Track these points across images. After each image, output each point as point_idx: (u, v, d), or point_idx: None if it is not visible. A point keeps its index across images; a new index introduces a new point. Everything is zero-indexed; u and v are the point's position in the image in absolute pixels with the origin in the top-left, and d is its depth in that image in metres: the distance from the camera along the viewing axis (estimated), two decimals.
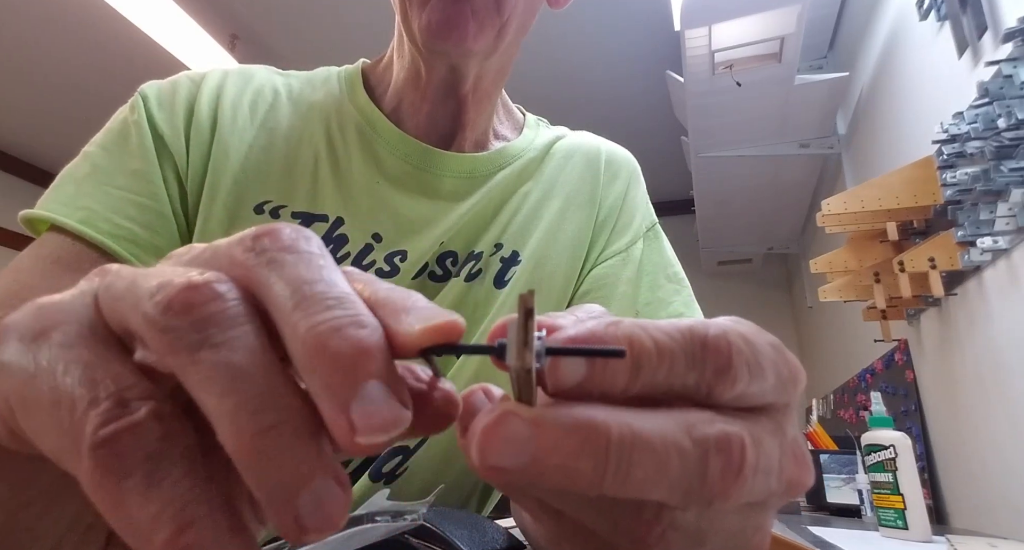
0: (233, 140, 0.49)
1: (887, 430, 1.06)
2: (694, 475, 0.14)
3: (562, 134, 0.62)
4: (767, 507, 0.17)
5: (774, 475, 0.16)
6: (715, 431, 0.14)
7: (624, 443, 0.13)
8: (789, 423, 0.17)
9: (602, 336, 0.15)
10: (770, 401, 0.17)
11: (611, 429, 0.13)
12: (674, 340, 0.15)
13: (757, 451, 0.15)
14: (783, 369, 0.16)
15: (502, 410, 0.14)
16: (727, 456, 0.14)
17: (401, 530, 0.31)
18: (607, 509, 0.16)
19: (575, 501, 0.16)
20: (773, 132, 2.21)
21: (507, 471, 0.13)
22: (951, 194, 1.21)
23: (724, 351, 0.15)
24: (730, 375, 0.15)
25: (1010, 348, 1.16)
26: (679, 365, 0.15)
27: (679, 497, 0.14)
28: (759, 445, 0.15)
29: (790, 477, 0.16)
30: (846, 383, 2.26)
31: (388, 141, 0.52)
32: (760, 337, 0.16)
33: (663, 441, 0.14)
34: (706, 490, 0.14)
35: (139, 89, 0.49)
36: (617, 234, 0.58)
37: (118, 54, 2.67)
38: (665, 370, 0.15)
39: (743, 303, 3.56)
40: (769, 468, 0.15)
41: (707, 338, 0.15)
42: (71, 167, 0.46)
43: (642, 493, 0.14)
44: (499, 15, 0.46)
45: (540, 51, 2.54)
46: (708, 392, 0.15)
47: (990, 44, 1.18)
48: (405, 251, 0.49)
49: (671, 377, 0.15)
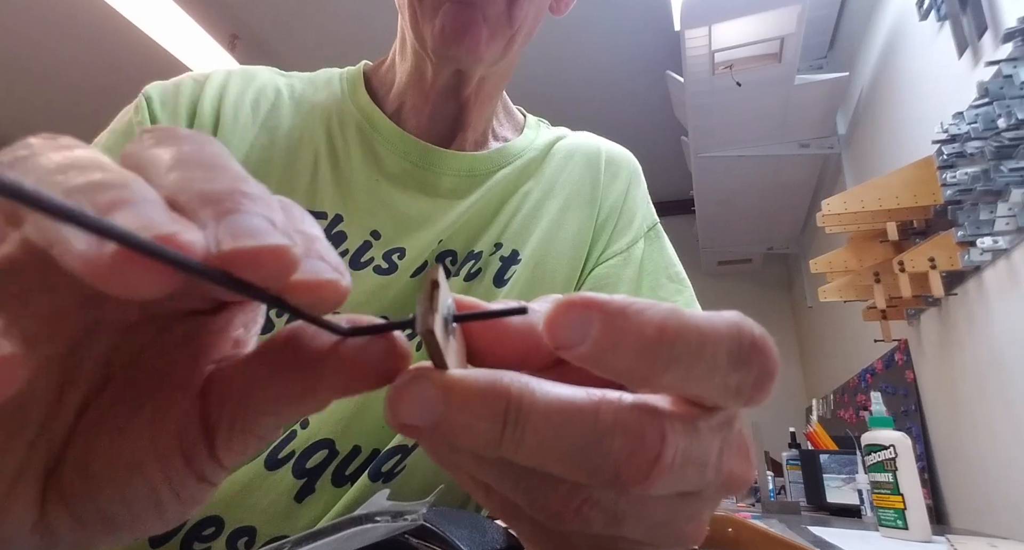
0: (235, 139, 0.49)
1: (887, 430, 1.06)
2: (596, 454, 0.14)
3: (562, 134, 0.62)
4: (703, 498, 0.17)
5: (711, 467, 0.15)
6: (626, 411, 0.14)
7: (522, 406, 0.14)
8: (736, 416, 0.17)
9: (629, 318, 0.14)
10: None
11: (511, 391, 0.14)
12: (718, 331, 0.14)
13: (687, 440, 0.14)
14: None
15: (413, 371, 0.14)
16: (637, 441, 0.14)
17: (401, 530, 0.31)
18: (522, 480, 0.16)
19: (491, 469, 0.16)
20: (773, 132, 2.21)
21: (417, 429, 0.14)
22: (951, 194, 1.21)
23: (772, 356, 0.14)
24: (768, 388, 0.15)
25: (1010, 348, 1.16)
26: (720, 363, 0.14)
27: (584, 474, 0.14)
28: (692, 433, 0.15)
29: (731, 471, 0.16)
30: (846, 383, 2.26)
31: (388, 139, 0.52)
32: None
33: (561, 411, 0.14)
34: (617, 474, 0.14)
35: (143, 90, 0.50)
36: (618, 234, 0.58)
37: (118, 54, 2.67)
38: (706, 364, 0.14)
39: (743, 303, 3.54)
40: (704, 460, 0.15)
41: (754, 341, 0.14)
42: None
43: (539, 462, 0.14)
44: (510, 25, 0.47)
45: (540, 51, 2.54)
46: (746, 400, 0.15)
47: (990, 44, 1.19)
48: (403, 248, 0.49)
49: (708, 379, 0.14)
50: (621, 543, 0.17)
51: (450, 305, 0.16)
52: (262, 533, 0.43)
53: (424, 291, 0.14)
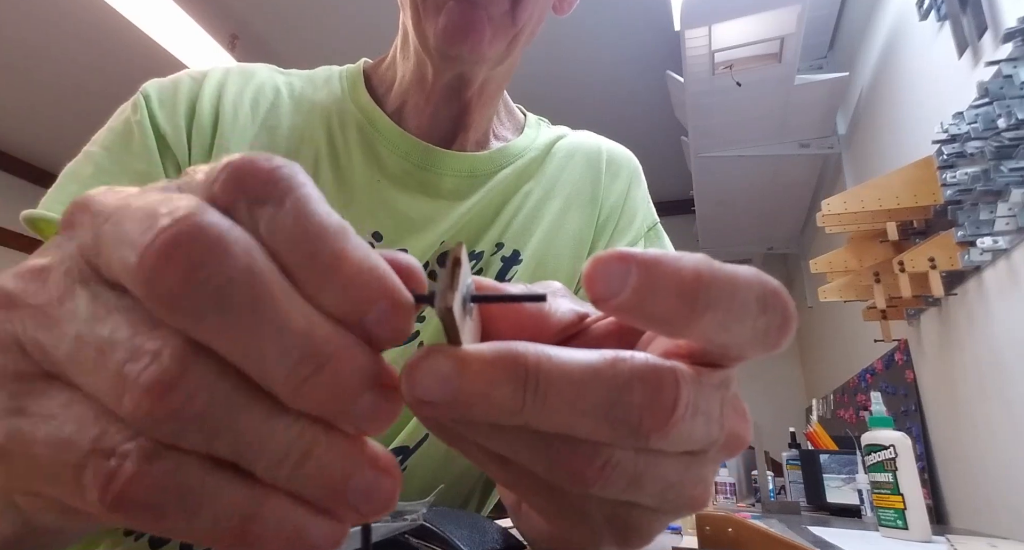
0: (234, 138, 0.49)
1: (887, 430, 1.05)
2: (618, 406, 0.14)
3: (563, 134, 0.62)
4: (707, 458, 0.17)
5: (715, 422, 0.16)
6: (640, 363, 0.14)
7: (541, 369, 0.14)
8: (733, 378, 0.18)
9: (666, 265, 0.14)
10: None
11: (528, 357, 0.14)
12: (748, 277, 0.15)
13: (695, 391, 0.15)
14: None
15: (428, 347, 0.14)
16: (656, 389, 0.14)
17: (401, 530, 0.31)
18: (541, 447, 0.16)
19: (509, 440, 0.16)
20: (773, 132, 2.21)
21: (435, 405, 0.14)
22: (951, 194, 1.21)
23: (790, 302, 0.15)
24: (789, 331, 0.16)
25: (1010, 348, 1.16)
26: (751, 307, 0.15)
27: (607, 430, 0.14)
28: (699, 387, 0.15)
29: (732, 429, 0.17)
30: (846, 383, 2.26)
31: (389, 140, 0.52)
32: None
33: (581, 370, 0.14)
34: (640, 423, 0.14)
35: (141, 88, 0.49)
36: (619, 234, 0.58)
37: (118, 54, 2.67)
38: (740, 306, 0.15)
39: None
40: (710, 413, 0.16)
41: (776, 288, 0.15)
42: (73, 166, 0.46)
43: (563, 423, 0.14)
44: (514, 24, 0.47)
45: (541, 51, 2.54)
46: (772, 344, 0.16)
47: (990, 44, 1.18)
48: (405, 250, 0.49)
49: (742, 322, 0.15)
50: (635, 511, 0.18)
51: (469, 284, 0.16)
52: None
53: (447, 269, 0.15)
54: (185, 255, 0.12)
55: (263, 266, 0.13)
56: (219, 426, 0.13)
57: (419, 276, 0.16)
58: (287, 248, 0.14)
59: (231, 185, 0.14)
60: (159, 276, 0.12)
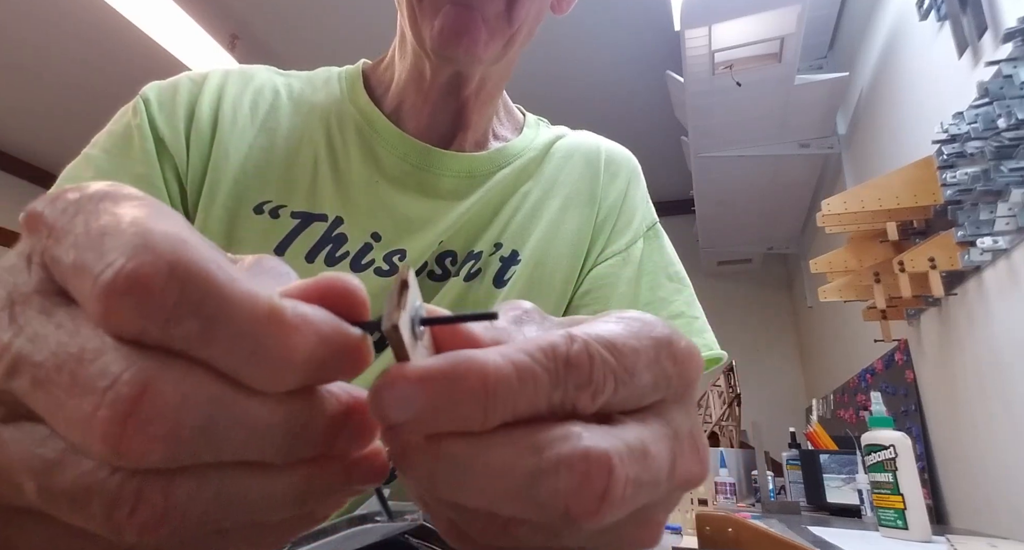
0: (233, 140, 0.49)
1: (887, 430, 1.06)
2: (546, 494, 0.14)
3: (562, 133, 0.62)
4: (655, 505, 0.17)
5: (663, 481, 0.15)
6: (570, 449, 0.14)
7: (459, 455, 0.14)
8: (684, 414, 0.17)
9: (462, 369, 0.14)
10: (656, 398, 0.17)
11: (442, 443, 0.14)
12: (536, 360, 0.14)
13: (639, 465, 0.14)
14: (666, 364, 0.16)
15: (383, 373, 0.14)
16: (586, 478, 0.13)
17: (401, 530, 0.31)
18: (455, 511, 0.16)
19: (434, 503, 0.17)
20: (773, 132, 2.21)
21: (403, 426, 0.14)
22: (951, 194, 1.21)
23: (585, 366, 0.15)
24: (590, 390, 0.15)
25: (1010, 348, 1.16)
26: (543, 385, 0.14)
27: (534, 513, 0.14)
28: (642, 458, 0.15)
29: (685, 474, 0.16)
30: (846, 383, 2.26)
31: (387, 140, 0.52)
32: (634, 339, 0.16)
33: (503, 460, 0.14)
34: (567, 512, 0.14)
35: (141, 91, 0.49)
36: (617, 233, 0.58)
37: (118, 54, 2.67)
38: (530, 392, 0.14)
39: (743, 303, 3.56)
40: (656, 478, 0.15)
41: (569, 354, 0.15)
42: (73, 169, 0.46)
43: (486, 506, 0.14)
44: (510, 25, 0.47)
45: (540, 51, 2.54)
46: (573, 407, 0.15)
47: (990, 44, 1.18)
48: (404, 250, 0.49)
49: (536, 399, 0.14)
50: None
51: (419, 307, 0.16)
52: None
53: (393, 290, 0.14)
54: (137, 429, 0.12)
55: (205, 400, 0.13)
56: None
57: (357, 298, 0.16)
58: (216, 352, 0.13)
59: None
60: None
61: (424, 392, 0.14)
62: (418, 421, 0.14)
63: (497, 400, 0.14)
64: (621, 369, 0.15)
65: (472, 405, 0.14)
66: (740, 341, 3.36)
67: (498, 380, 0.14)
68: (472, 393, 0.14)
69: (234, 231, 0.47)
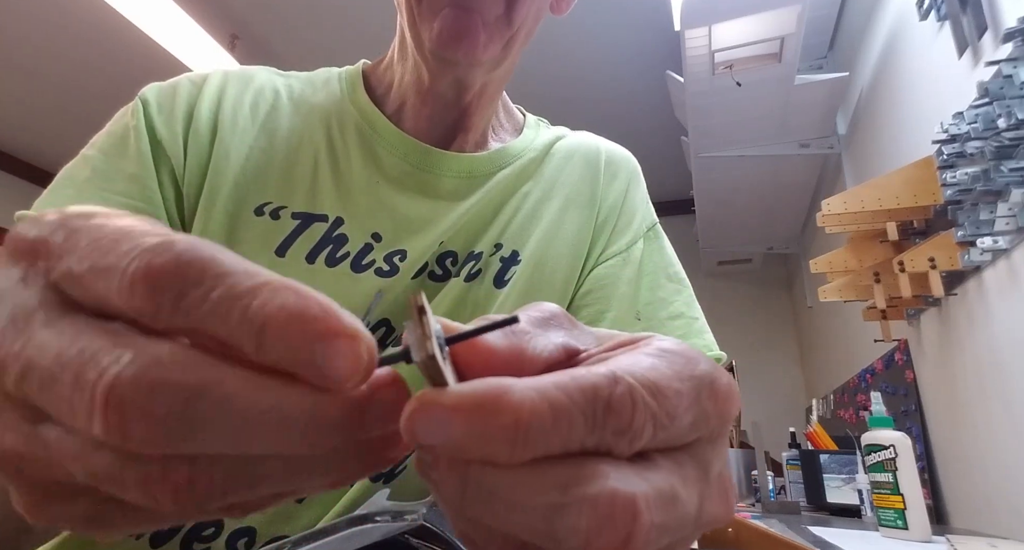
0: (234, 143, 0.49)
1: (887, 430, 1.06)
2: (568, 532, 0.13)
3: (562, 134, 0.62)
4: (676, 544, 0.16)
5: (690, 524, 0.15)
6: (597, 489, 0.13)
7: (483, 485, 0.14)
8: (717, 454, 0.17)
9: (494, 402, 0.14)
10: (693, 438, 0.16)
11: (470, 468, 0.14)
12: (574, 402, 0.14)
13: (666, 512, 0.14)
14: (707, 404, 0.16)
15: (419, 396, 0.14)
16: (610, 521, 0.13)
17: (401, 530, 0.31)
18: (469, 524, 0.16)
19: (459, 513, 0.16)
20: (773, 132, 2.21)
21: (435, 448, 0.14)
22: (951, 194, 1.21)
23: (627, 412, 0.14)
24: (628, 436, 0.15)
25: (1010, 348, 1.16)
26: (579, 427, 0.14)
27: (550, 544, 0.14)
28: (671, 504, 0.14)
29: (712, 516, 0.16)
30: (846, 383, 2.26)
31: (388, 141, 0.52)
32: (676, 380, 0.16)
33: (529, 492, 0.14)
34: (587, 548, 0.13)
35: (140, 93, 0.49)
36: (617, 234, 0.58)
37: (118, 54, 2.67)
38: (563, 433, 0.14)
39: (743, 303, 3.56)
40: (682, 523, 0.15)
41: (611, 399, 0.14)
42: (69, 169, 0.46)
43: (503, 528, 0.14)
44: (509, 27, 0.47)
45: (540, 51, 2.54)
46: (608, 450, 0.15)
47: (990, 44, 1.18)
48: (405, 251, 0.49)
49: (569, 440, 0.14)
50: None
51: (438, 329, 0.16)
52: (262, 533, 0.43)
53: (413, 319, 0.14)
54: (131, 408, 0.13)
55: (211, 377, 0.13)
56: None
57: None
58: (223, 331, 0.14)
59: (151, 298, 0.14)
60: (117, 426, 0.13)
61: (456, 421, 0.13)
62: (448, 447, 0.14)
63: (529, 438, 0.14)
64: (663, 414, 0.15)
65: (503, 440, 0.13)
66: (740, 341, 3.36)
67: (532, 418, 0.13)
68: (504, 429, 0.13)
69: (235, 233, 0.47)
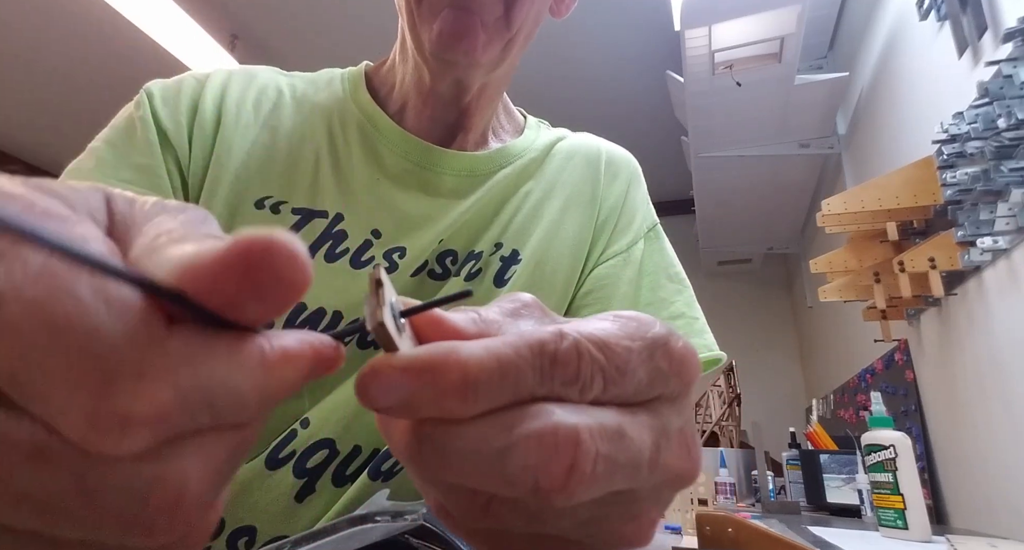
0: (236, 137, 0.49)
1: (887, 430, 1.06)
2: (516, 468, 0.14)
3: (563, 135, 0.62)
4: (638, 497, 0.17)
5: (643, 467, 0.16)
6: (540, 424, 0.14)
7: (438, 437, 0.14)
8: (676, 412, 0.17)
9: (442, 361, 0.14)
10: (652, 396, 0.17)
11: (422, 426, 0.15)
12: (521, 356, 0.15)
13: (611, 444, 0.15)
14: (661, 363, 0.17)
15: (371, 362, 0.15)
16: (554, 451, 0.14)
17: (401, 530, 0.31)
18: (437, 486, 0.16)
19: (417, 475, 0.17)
20: (773, 132, 2.21)
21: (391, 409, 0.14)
22: (951, 194, 1.21)
23: (573, 363, 0.15)
24: (576, 386, 0.15)
25: (1010, 348, 1.16)
26: (527, 380, 0.15)
27: (507, 489, 0.14)
28: (617, 438, 0.15)
29: (672, 468, 0.17)
30: (846, 383, 2.26)
31: (389, 139, 0.52)
32: (626, 339, 0.16)
33: (478, 438, 0.14)
34: (537, 486, 0.14)
35: (144, 87, 0.50)
36: (618, 234, 0.58)
37: (118, 54, 2.67)
38: (511, 386, 0.14)
39: (743, 303, 3.56)
40: (634, 459, 0.15)
41: (557, 352, 0.15)
42: (76, 162, 0.46)
43: (459, 479, 0.15)
44: (508, 29, 0.47)
45: (540, 51, 2.54)
46: (559, 400, 0.15)
47: (990, 44, 1.19)
48: (404, 248, 0.49)
49: (519, 393, 0.15)
50: (552, 542, 0.17)
51: (396, 303, 0.16)
52: (262, 533, 0.43)
53: (369, 290, 0.15)
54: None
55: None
56: None
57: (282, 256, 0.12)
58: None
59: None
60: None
61: (406, 382, 0.14)
62: (401, 408, 0.14)
63: (478, 392, 0.14)
64: (611, 368, 0.15)
65: (452, 396, 0.14)
66: (740, 341, 3.36)
67: (480, 373, 0.14)
68: (453, 385, 0.14)
69: (235, 225, 0.47)
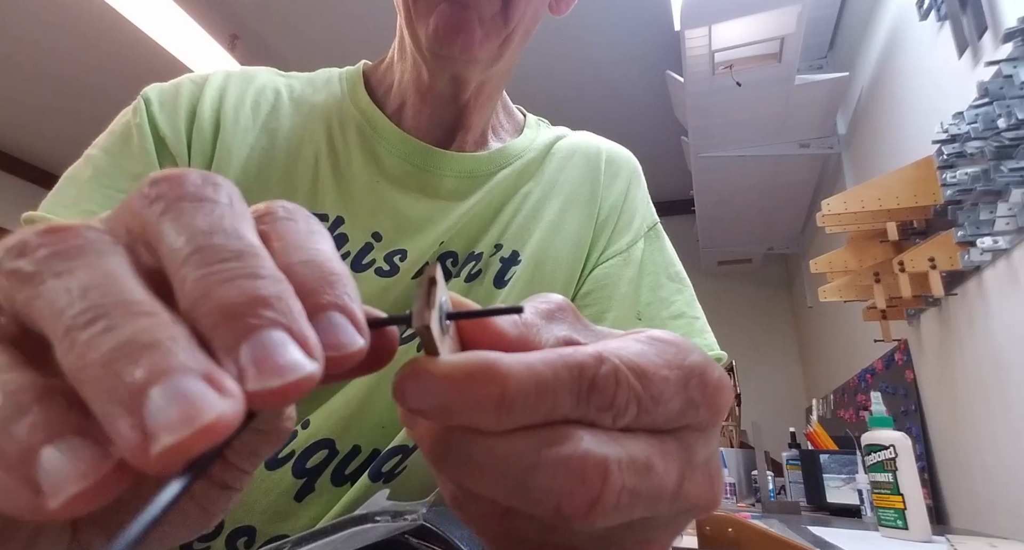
0: (236, 141, 0.49)
1: (887, 430, 1.06)
2: (541, 491, 0.14)
3: (562, 134, 0.62)
4: (656, 523, 0.17)
5: (666, 498, 0.15)
6: (569, 451, 0.14)
7: (467, 447, 0.15)
8: (704, 443, 0.17)
9: (483, 374, 0.14)
10: (682, 424, 0.17)
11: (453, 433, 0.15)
12: (559, 378, 0.14)
13: (639, 477, 0.15)
14: (695, 394, 0.16)
15: (410, 362, 0.15)
16: (580, 480, 0.14)
17: (401, 530, 0.31)
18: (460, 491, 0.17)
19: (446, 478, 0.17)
20: (773, 132, 2.21)
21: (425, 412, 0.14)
22: (951, 194, 1.21)
23: (610, 390, 0.15)
24: (611, 413, 0.15)
25: (1010, 348, 1.16)
26: (563, 402, 0.15)
27: (529, 507, 0.14)
28: (644, 471, 0.15)
29: (693, 498, 0.16)
30: (846, 383, 2.26)
31: (388, 141, 0.52)
32: (664, 367, 0.16)
33: (506, 453, 0.14)
34: (559, 510, 0.14)
35: (142, 92, 0.50)
36: (618, 234, 0.58)
37: (118, 54, 2.67)
38: (546, 406, 0.14)
39: (743, 303, 3.56)
40: (658, 492, 0.15)
41: (596, 377, 0.15)
42: (73, 170, 0.46)
43: (481, 489, 0.15)
44: (506, 25, 0.47)
45: (540, 51, 2.54)
46: (591, 423, 0.15)
47: (990, 44, 1.18)
48: (405, 250, 0.49)
49: (552, 413, 0.15)
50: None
51: (445, 302, 0.16)
52: (262, 533, 0.43)
53: (422, 288, 0.15)
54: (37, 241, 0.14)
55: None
56: None
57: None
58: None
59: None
60: None
61: (444, 389, 0.14)
62: (434, 413, 0.14)
63: (513, 409, 0.14)
64: (647, 397, 0.15)
65: (488, 410, 0.14)
66: (740, 341, 3.36)
67: (517, 390, 0.14)
68: (490, 399, 0.14)
69: None
